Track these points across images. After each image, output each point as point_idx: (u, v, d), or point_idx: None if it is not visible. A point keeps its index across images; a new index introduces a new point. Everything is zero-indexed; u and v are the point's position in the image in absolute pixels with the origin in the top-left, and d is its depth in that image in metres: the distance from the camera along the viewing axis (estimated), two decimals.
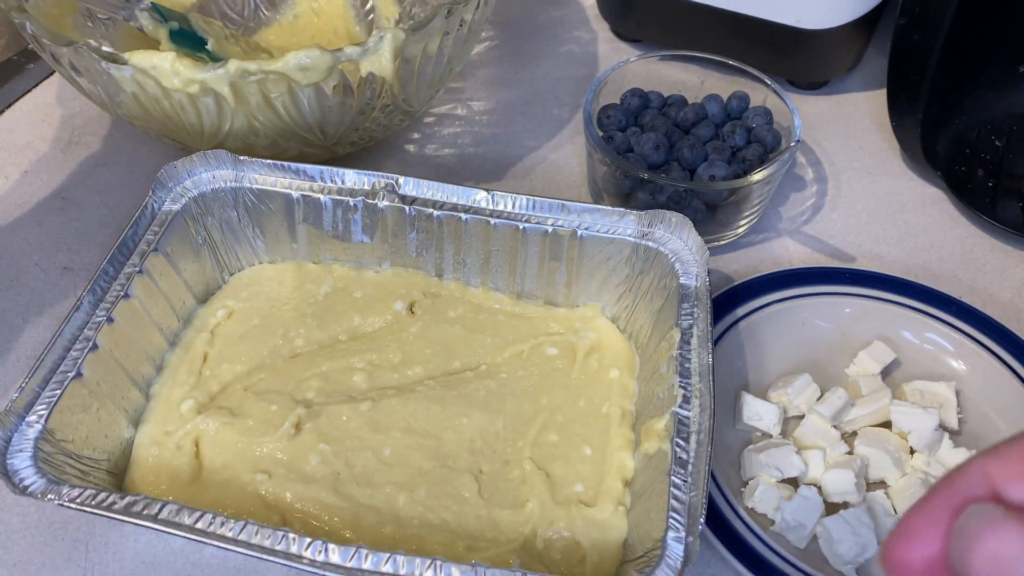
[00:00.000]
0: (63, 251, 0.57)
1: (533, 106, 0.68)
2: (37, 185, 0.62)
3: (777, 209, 0.60)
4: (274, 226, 0.51)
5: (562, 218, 0.48)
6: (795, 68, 0.67)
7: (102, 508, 0.36)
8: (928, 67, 0.56)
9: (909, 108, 0.59)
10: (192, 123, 0.51)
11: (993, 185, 0.60)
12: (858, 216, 0.60)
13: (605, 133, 0.58)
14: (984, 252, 0.58)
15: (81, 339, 0.42)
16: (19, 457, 0.38)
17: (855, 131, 0.66)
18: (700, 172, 0.54)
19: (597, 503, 0.41)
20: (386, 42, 0.49)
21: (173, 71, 0.47)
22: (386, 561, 0.34)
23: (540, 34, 0.75)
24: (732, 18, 0.64)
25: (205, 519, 0.35)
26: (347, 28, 0.69)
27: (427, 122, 0.67)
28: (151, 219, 0.48)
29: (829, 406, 0.46)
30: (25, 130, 0.66)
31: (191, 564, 0.42)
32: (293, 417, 0.44)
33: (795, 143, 0.54)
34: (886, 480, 0.45)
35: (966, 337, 0.49)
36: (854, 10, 0.62)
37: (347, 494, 0.42)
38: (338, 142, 0.55)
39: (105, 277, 0.45)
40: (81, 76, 0.50)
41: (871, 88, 0.70)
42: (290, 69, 0.48)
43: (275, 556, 0.34)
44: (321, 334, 0.49)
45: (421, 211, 0.49)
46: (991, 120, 0.64)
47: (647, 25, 0.71)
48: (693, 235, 0.46)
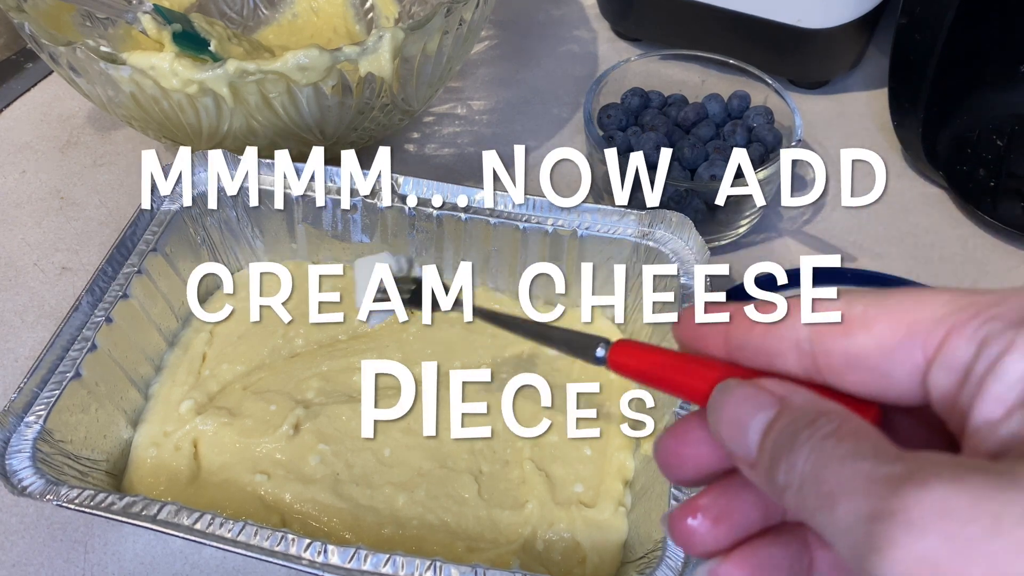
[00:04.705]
0: (61, 251, 0.57)
1: (533, 105, 0.68)
2: (35, 185, 0.61)
3: (778, 209, 0.60)
4: (273, 226, 0.51)
5: (562, 218, 0.48)
6: (796, 67, 0.67)
7: (101, 509, 0.36)
8: (929, 66, 0.56)
9: (910, 107, 0.59)
10: (191, 123, 0.51)
11: (994, 185, 0.60)
12: (859, 216, 0.60)
13: (605, 132, 0.58)
14: (985, 252, 0.58)
15: (80, 339, 0.42)
16: (17, 458, 0.38)
17: (856, 131, 0.66)
18: (700, 172, 0.54)
19: (597, 504, 0.41)
20: (385, 41, 0.49)
21: (172, 71, 0.47)
22: (385, 562, 0.34)
23: (540, 33, 0.75)
24: (733, 17, 0.64)
25: (204, 520, 0.35)
26: (346, 27, 0.69)
27: (427, 121, 0.67)
28: (150, 219, 0.47)
29: None
30: (24, 130, 0.66)
31: (190, 565, 0.42)
32: (292, 417, 0.44)
33: (796, 143, 0.54)
34: None
35: None
36: (855, 9, 0.62)
37: (346, 495, 0.42)
38: (337, 142, 0.55)
39: (104, 277, 0.44)
40: (79, 76, 0.50)
41: (872, 87, 0.69)
42: (289, 69, 0.47)
43: (274, 557, 0.34)
44: (321, 334, 0.49)
45: (421, 211, 0.48)
46: (992, 119, 0.63)
47: (648, 24, 0.70)
48: (694, 235, 0.46)
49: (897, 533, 0.17)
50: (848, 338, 0.21)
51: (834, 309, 0.21)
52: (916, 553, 0.16)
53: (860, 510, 0.17)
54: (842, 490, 0.18)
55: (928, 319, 0.20)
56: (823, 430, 0.19)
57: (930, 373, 0.20)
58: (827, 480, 0.18)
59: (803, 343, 0.21)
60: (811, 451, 0.19)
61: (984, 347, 0.19)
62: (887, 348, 0.20)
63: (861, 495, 0.17)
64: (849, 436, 0.19)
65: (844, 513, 0.18)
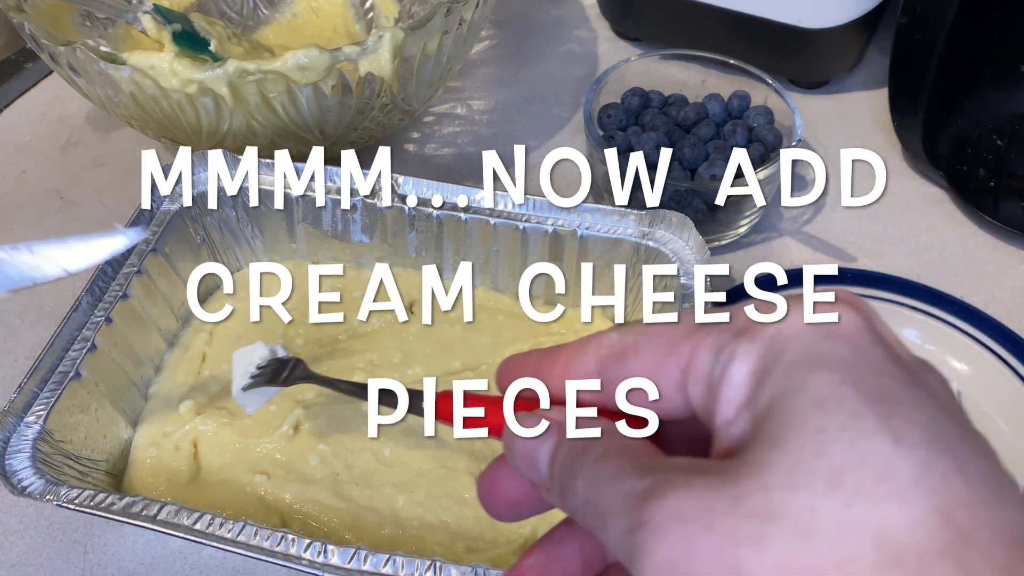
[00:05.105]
0: None
1: (533, 105, 0.68)
2: (35, 185, 0.61)
3: (778, 209, 0.60)
4: (273, 226, 0.51)
5: (562, 218, 0.47)
6: (796, 67, 0.67)
7: (101, 509, 0.36)
8: (929, 66, 0.56)
9: (910, 107, 0.59)
10: (191, 123, 0.51)
11: (995, 184, 0.60)
12: (859, 216, 0.60)
13: (606, 132, 0.58)
14: (986, 252, 0.58)
15: (80, 339, 0.42)
16: (17, 458, 0.38)
17: (856, 130, 0.66)
18: (701, 171, 0.54)
19: None
20: (385, 41, 0.49)
21: (171, 71, 0.47)
22: (385, 562, 0.34)
23: (540, 33, 0.75)
24: (733, 17, 0.64)
25: (204, 520, 0.35)
26: (346, 26, 0.69)
27: (426, 121, 0.67)
28: (149, 219, 0.47)
29: None
30: (23, 129, 0.66)
31: (190, 565, 0.42)
32: (292, 418, 0.44)
33: (796, 142, 0.54)
34: None
35: (968, 337, 0.49)
36: (855, 9, 0.62)
37: (346, 495, 0.42)
38: (337, 142, 0.55)
39: (103, 277, 0.44)
40: (79, 76, 0.50)
41: (872, 87, 0.69)
42: (288, 69, 0.47)
43: (274, 557, 0.34)
44: (321, 334, 0.49)
45: (421, 211, 0.48)
46: (993, 119, 0.63)
47: (648, 24, 0.70)
48: (694, 235, 0.46)
49: (647, 541, 0.19)
50: (623, 365, 0.23)
51: (611, 340, 0.23)
52: (661, 557, 0.18)
53: (622, 525, 0.19)
54: (610, 509, 0.20)
55: (680, 337, 0.22)
56: (592, 454, 0.21)
57: (687, 385, 0.22)
58: (599, 502, 0.21)
59: (592, 374, 0.23)
60: (585, 476, 0.21)
61: (718, 357, 0.21)
62: (654, 369, 0.22)
63: (622, 512, 0.20)
64: (613, 457, 0.21)
65: (613, 529, 0.20)
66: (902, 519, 0.17)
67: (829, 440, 0.18)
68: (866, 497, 0.18)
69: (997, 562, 0.17)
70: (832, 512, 0.18)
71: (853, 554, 0.17)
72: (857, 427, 0.18)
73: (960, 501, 0.18)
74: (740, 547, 0.18)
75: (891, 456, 0.18)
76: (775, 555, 0.18)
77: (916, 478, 0.18)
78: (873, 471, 0.18)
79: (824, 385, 0.19)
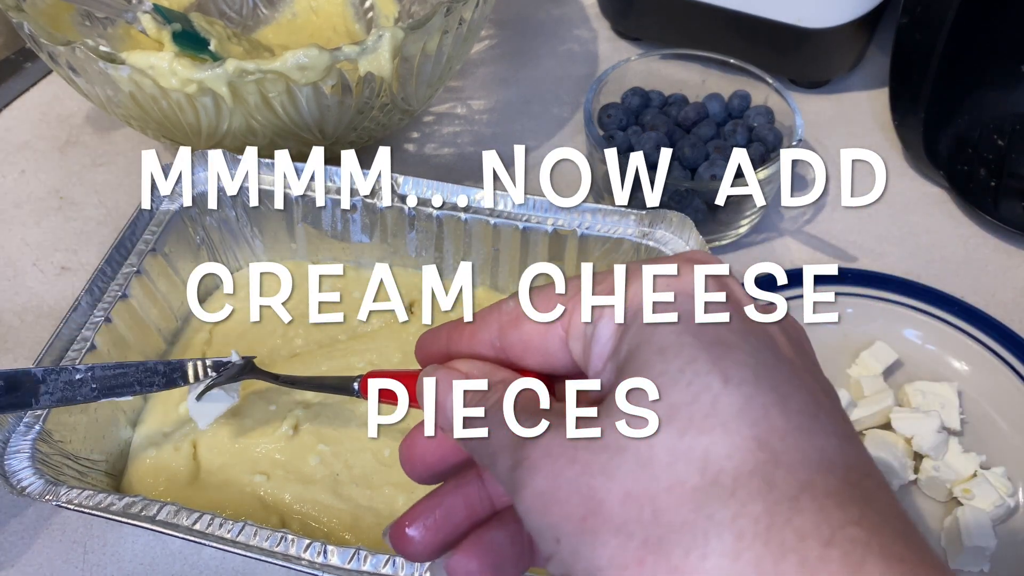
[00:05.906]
0: (61, 251, 0.57)
1: (533, 105, 0.68)
2: (35, 184, 0.61)
3: (778, 209, 0.60)
4: (273, 226, 0.51)
5: (562, 218, 0.47)
6: (796, 67, 0.67)
7: (100, 509, 0.36)
8: (930, 66, 0.56)
9: (911, 107, 0.59)
10: (190, 123, 0.51)
11: (995, 184, 0.60)
12: (860, 216, 0.60)
13: (606, 132, 0.57)
14: (986, 252, 0.58)
15: (79, 340, 0.42)
16: (17, 458, 0.38)
17: (856, 130, 0.66)
18: (701, 171, 0.54)
19: None
20: (385, 41, 0.49)
21: (171, 71, 0.47)
22: (385, 563, 0.34)
23: (540, 33, 0.75)
24: (733, 17, 0.64)
25: (203, 520, 0.35)
26: (346, 26, 0.69)
27: (426, 121, 0.66)
28: (149, 219, 0.47)
29: None
30: (23, 129, 0.66)
31: (189, 565, 0.42)
32: (292, 418, 0.44)
33: (796, 142, 0.54)
34: (891, 483, 0.44)
35: (968, 337, 0.49)
36: (855, 9, 0.62)
37: (346, 495, 0.42)
38: (337, 141, 0.55)
39: (103, 277, 0.44)
40: (79, 76, 0.50)
41: (873, 87, 0.69)
42: (288, 68, 0.47)
43: (274, 558, 0.34)
44: (320, 334, 0.49)
45: (421, 211, 0.48)
46: (993, 119, 0.63)
47: (648, 24, 0.70)
48: (694, 235, 0.46)
49: (524, 475, 0.22)
50: (519, 329, 0.26)
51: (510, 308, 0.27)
52: (534, 488, 0.22)
53: (507, 462, 0.23)
54: (499, 448, 0.23)
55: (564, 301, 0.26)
56: (491, 400, 0.25)
57: (569, 344, 0.25)
58: (491, 442, 0.24)
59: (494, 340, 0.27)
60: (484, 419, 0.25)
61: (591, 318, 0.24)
62: (542, 332, 0.26)
63: (508, 451, 0.23)
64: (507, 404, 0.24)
65: (501, 467, 0.23)
66: (723, 446, 0.20)
67: (669, 382, 0.21)
68: (695, 429, 0.21)
69: (799, 478, 0.20)
70: (666, 443, 0.21)
71: (681, 478, 0.20)
72: (692, 369, 0.21)
73: (776, 430, 0.20)
74: (594, 477, 0.21)
75: (719, 393, 0.21)
76: (621, 483, 0.21)
77: (739, 411, 0.21)
78: (702, 406, 0.21)
79: (668, 335, 0.22)
